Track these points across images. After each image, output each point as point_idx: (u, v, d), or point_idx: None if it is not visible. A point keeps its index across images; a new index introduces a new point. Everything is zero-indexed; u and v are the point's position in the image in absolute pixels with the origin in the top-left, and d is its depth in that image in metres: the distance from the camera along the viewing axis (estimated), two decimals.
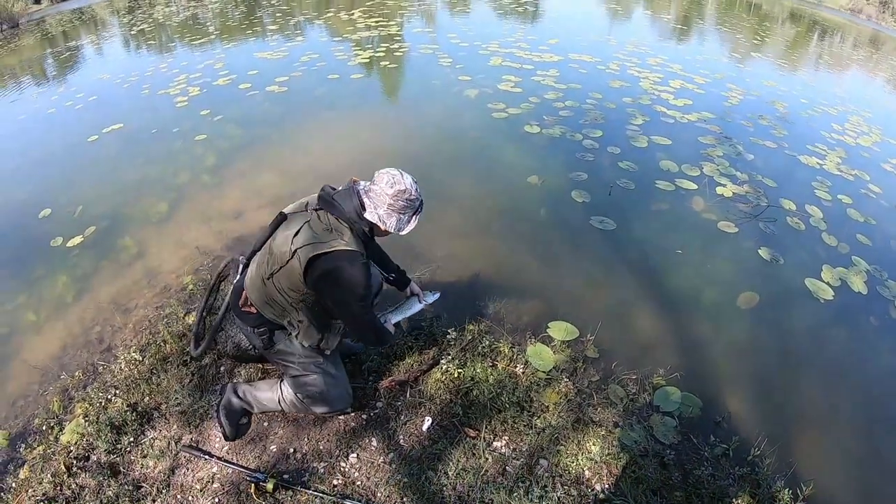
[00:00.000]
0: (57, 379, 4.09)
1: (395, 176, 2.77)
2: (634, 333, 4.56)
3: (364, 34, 13.98)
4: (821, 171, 7.74)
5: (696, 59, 13.75)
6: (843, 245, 6.03)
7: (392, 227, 2.82)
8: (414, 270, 4.85)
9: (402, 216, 2.84)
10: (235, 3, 20.94)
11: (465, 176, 6.72)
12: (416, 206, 2.89)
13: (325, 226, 2.74)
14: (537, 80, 10.19)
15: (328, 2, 19.79)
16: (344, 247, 2.67)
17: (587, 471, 3.31)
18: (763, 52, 16.18)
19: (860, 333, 5.02)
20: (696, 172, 7.07)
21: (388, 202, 2.76)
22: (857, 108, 11.76)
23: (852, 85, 15.05)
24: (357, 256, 2.71)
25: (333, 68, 10.98)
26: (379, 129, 8.19)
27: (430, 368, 3.84)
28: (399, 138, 7.82)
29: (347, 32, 14.34)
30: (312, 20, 16.81)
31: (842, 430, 4.10)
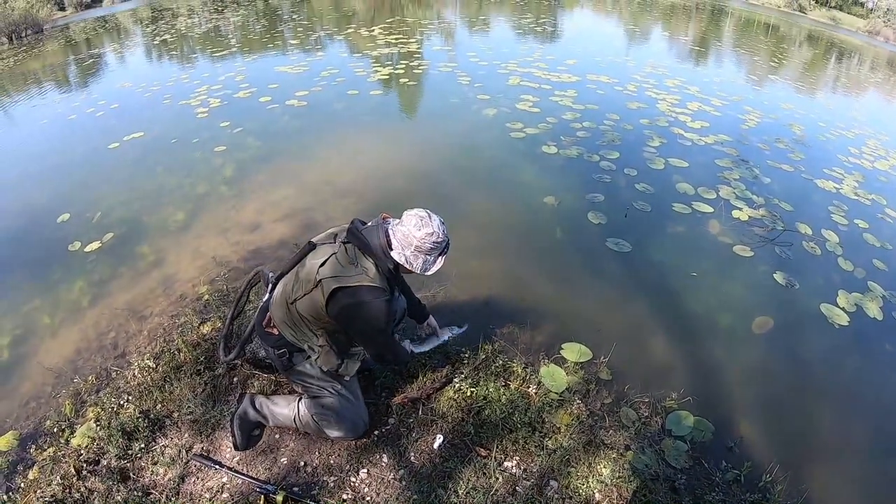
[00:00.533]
0: (70, 382, 4.10)
1: (424, 218, 2.81)
2: (648, 356, 4.54)
3: (384, 51, 14.08)
4: (837, 195, 7.70)
5: (713, 80, 13.73)
6: (860, 270, 5.98)
7: (418, 269, 2.88)
8: (429, 288, 4.87)
9: (429, 257, 2.89)
10: (257, 17, 21.17)
11: (482, 194, 6.72)
12: (442, 248, 2.92)
13: (352, 259, 2.80)
14: (555, 100, 10.21)
15: (349, 18, 19.97)
16: (368, 282, 2.74)
17: (597, 493, 3.28)
18: (780, 75, 16.16)
19: (875, 360, 4.97)
20: (713, 195, 7.05)
21: (416, 244, 2.80)
22: (874, 131, 11.70)
23: (870, 108, 14.98)
24: (379, 293, 2.77)
25: (353, 84, 11.06)
26: (396, 146, 8.22)
27: (443, 386, 3.83)
28: (416, 155, 7.84)
29: (367, 49, 14.44)
30: (333, 36, 16.96)
31: (855, 458, 4.05)
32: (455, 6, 24.59)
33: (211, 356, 4.04)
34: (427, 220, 2.80)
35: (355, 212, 5.95)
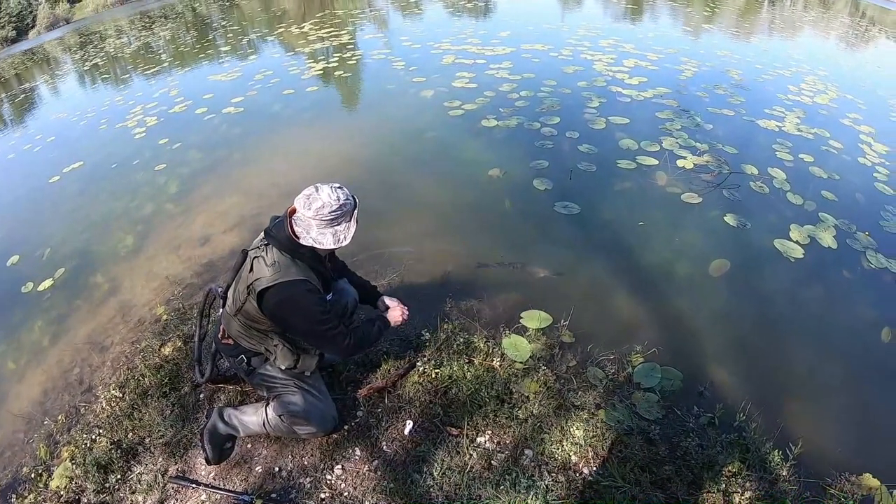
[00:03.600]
0: (41, 425, 4.03)
1: (311, 195, 2.77)
2: (609, 314, 4.56)
3: (317, 46, 13.94)
4: (780, 134, 7.80)
5: (648, 36, 13.79)
6: (810, 203, 6.07)
7: (332, 244, 2.83)
8: (383, 275, 4.86)
9: (337, 227, 2.83)
10: (187, 28, 20.85)
11: (428, 176, 6.71)
12: (346, 212, 2.84)
13: (273, 259, 2.79)
14: (491, 73, 10.18)
15: (280, 18, 19.74)
16: (288, 278, 2.74)
17: (573, 455, 3.29)
18: (715, 23, 16.28)
19: (835, 287, 5.06)
20: (656, 148, 7.10)
21: (315, 223, 2.77)
22: (811, 68, 11.87)
23: (806, 46, 15.22)
24: (302, 285, 2.78)
25: (288, 83, 10.94)
26: (338, 139, 8.15)
27: (407, 372, 3.81)
28: (359, 146, 7.77)
29: (300, 46, 14.29)
30: (264, 37, 16.78)
31: (825, 385, 4.13)
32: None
33: (175, 377, 3.99)
34: (314, 195, 2.75)
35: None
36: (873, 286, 5.10)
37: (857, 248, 5.44)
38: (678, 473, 3.19)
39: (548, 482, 3.13)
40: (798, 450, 3.28)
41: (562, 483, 3.13)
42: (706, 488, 3.14)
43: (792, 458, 3.27)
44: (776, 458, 3.31)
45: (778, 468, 3.28)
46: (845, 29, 18.25)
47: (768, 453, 3.34)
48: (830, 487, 3.26)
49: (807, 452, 3.34)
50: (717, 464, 3.24)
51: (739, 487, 3.14)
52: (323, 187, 2.78)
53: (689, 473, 3.19)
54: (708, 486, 3.14)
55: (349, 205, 2.85)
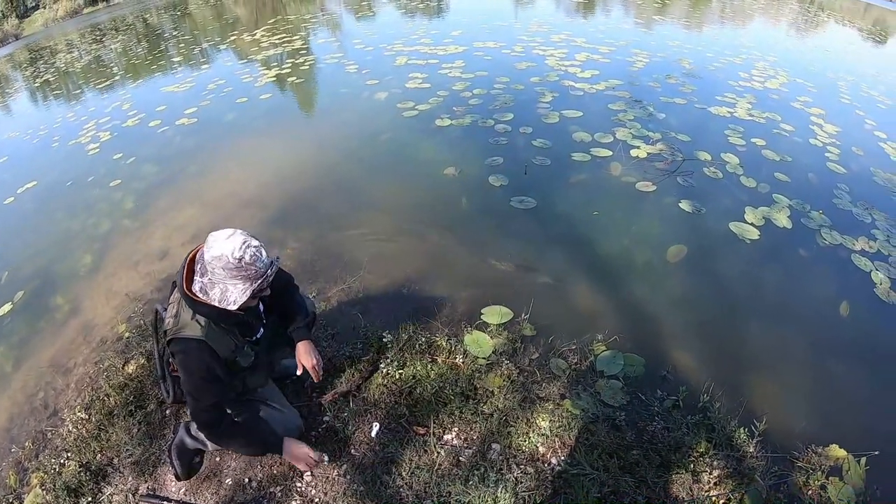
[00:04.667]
0: (9, 453, 3.96)
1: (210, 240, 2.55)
2: (569, 305, 4.62)
3: (269, 53, 13.83)
4: (732, 119, 8.00)
5: (599, 30, 13.98)
6: (763, 185, 6.22)
7: (216, 301, 2.60)
8: (343, 281, 4.86)
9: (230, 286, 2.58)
10: (138, 40, 20.51)
11: (384, 179, 6.72)
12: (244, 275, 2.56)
13: (174, 309, 2.71)
14: (444, 72, 10.23)
15: (232, 25, 19.56)
16: (181, 335, 2.64)
17: (541, 447, 3.34)
18: (666, 15, 16.57)
19: (792, 266, 5.20)
20: (610, 139, 7.21)
21: (208, 269, 2.56)
22: (761, 54, 12.19)
23: (755, 33, 15.53)
24: (188, 344, 2.65)
25: (241, 92, 10.84)
26: (294, 146, 8.12)
27: (371, 375, 3.82)
28: (314, 152, 7.76)
29: (252, 54, 14.17)
30: (217, 46, 16.60)
31: (787, 362, 4.24)
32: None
33: (140, 394, 3.95)
34: (219, 244, 2.51)
35: (262, 220, 5.96)
36: (829, 263, 5.25)
37: (811, 226, 5.61)
38: (646, 457, 3.25)
39: (517, 475, 3.16)
40: (763, 426, 3.36)
41: (531, 475, 3.17)
42: (674, 470, 3.21)
43: (758, 435, 3.35)
44: (742, 435, 3.40)
45: (744, 445, 3.36)
46: (795, 15, 18.73)
47: (734, 431, 3.43)
48: (798, 460, 3.35)
49: (772, 428, 3.43)
50: (683, 445, 3.31)
51: (707, 467, 3.22)
52: (236, 238, 2.52)
53: (657, 456, 3.26)
54: (676, 467, 3.21)
55: (254, 270, 2.57)
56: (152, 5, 30.10)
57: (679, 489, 3.14)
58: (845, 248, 5.40)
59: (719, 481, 3.18)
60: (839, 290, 4.93)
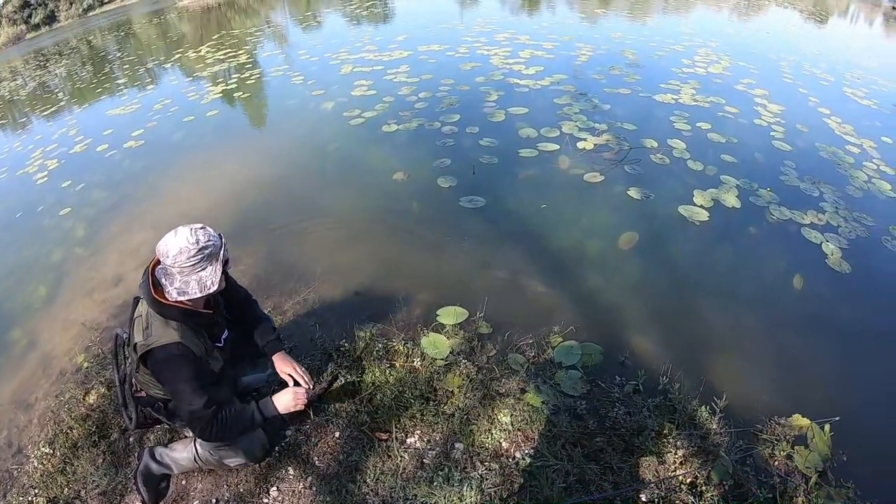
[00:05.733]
0: None
1: (167, 241, 2.62)
2: (524, 300, 4.67)
3: (215, 69, 13.75)
4: (677, 106, 8.17)
5: (542, 26, 14.19)
6: (711, 167, 6.37)
7: (197, 292, 2.65)
8: (297, 293, 4.85)
9: (202, 273, 2.66)
10: (83, 63, 20.22)
11: (334, 188, 6.72)
12: (210, 253, 2.67)
13: (145, 321, 2.73)
14: (389, 78, 10.28)
15: (177, 43, 19.40)
16: (159, 343, 2.66)
17: (504, 442, 3.37)
18: (609, 8, 16.88)
19: (743, 244, 5.34)
20: (556, 133, 7.32)
21: (176, 271, 2.62)
22: (703, 40, 12.47)
23: (698, 21, 15.84)
24: (168, 350, 2.68)
25: (188, 110, 10.76)
26: (243, 161, 8.08)
27: (331, 385, 3.79)
28: (264, 165, 7.73)
29: (198, 71, 14.09)
30: (162, 65, 16.45)
31: (745, 337, 4.34)
32: (284, 8, 24.36)
33: (103, 424, 3.92)
34: (171, 241, 2.60)
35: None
36: (780, 238, 5.39)
37: (760, 204, 5.75)
38: (610, 443, 3.31)
39: (481, 472, 3.19)
40: (723, 403, 3.43)
41: (495, 470, 3.20)
42: (639, 453, 3.26)
43: (719, 412, 3.42)
44: (704, 413, 3.48)
45: (707, 423, 3.44)
46: (737, 1, 19.16)
47: (695, 410, 3.51)
48: (762, 433, 3.44)
49: (734, 404, 3.50)
50: (646, 428, 3.37)
51: (672, 447, 3.28)
52: (181, 230, 2.63)
53: (621, 442, 3.31)
54: (640, 451, 3.27)
55: (212, 246, 2.68)
56: (96, 27, 29.82)
57: (645, 472, 3.20)
58: (795, 222, 5.55)
59: (685, 460, 3.24)
60: (792, 264, 5.07)
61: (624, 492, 3.07)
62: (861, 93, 9.92)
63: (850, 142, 7.59)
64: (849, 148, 7.38)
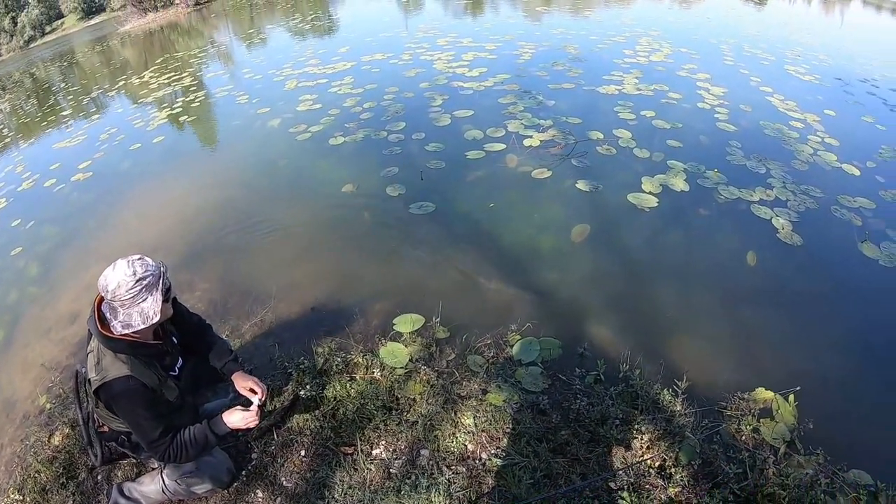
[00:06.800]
0: None
1: (106, 275, 2.64)
2: (479, 301, 4.70)
3: (159, 94, 13.58)
4: (621, 96, 8.31)
5: (485, 28, 14.35)
6: (658, 154, 6.49)
7: (140, 324, 2.66)
8: (255, 314, 4.82)
9: (143, 304, 2.67)
10: (27, 96, 19.86)
11: (286, 205, 6.68)
12: (148, 284, 2.68)
13: (96, 356, 2.73)
14: (334, 91, 10.29)
15: (121, 70, 19.14)
16: (110, 377, 2.65)
17: (469, 444, 3.38)
18: (551, 5, 17.05)
19: (694, 226, 5.45)
20: (502, 133, 7.40)
21: (117, 305, 2.64)
22: (645, 30, 12.70)
23: (639, 11, 16.10)
24: (120, 383, 2.67)
25: (135, 138, 10.57)
26: (192, 185, 8.00)
27: (293, 404, 3.81)
28: (213, 188, 7.65)
29: (143, 97, 13.88)
30: (107, 93, 16.21)
31: (702, 317, 4.44)
32: (227, 27, 24.22)
33: (70, 465, 3.85)
34: (109, 276, 2.62)
35: (169, 265, 5.74)
36: (730, 216, 5.51)
37: (708, 185, 5.88)
38: (575, 435, 3.35)
39: (448, 476, 3.20)
40: (685, 384, 3.50)
41: (462, 473, 3.21)
42: (604, 442, 3.31)
43: (682, 393, 3.49)
44: (667, 396, 3.54)
45: (671, 405, 3.50)
46: None
47: (658, 394, 3.57)
48: (726, 410, 3.51)
49: (697, 384, 3.59)
50: (610, 417, 3.41)
51: (637, 433, 3.33)
52: (119, 264, 2.64)
53: (586, 433, 3.36)
54: (606, 439, 3.32)
55: (151, 276, 2.70)
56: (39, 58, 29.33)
57: (613, 460, 3.25)
58: (744, 200, 5.68)
59: (651, 444, 3.29)
60: (744, 242, 5.18)
61: (592, 482, 3.10)
62: (802, 69, 10.19)
63: (794, 117, 7.78)
64: (793, 123, 7.56)
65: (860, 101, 8.89)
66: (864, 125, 7.90)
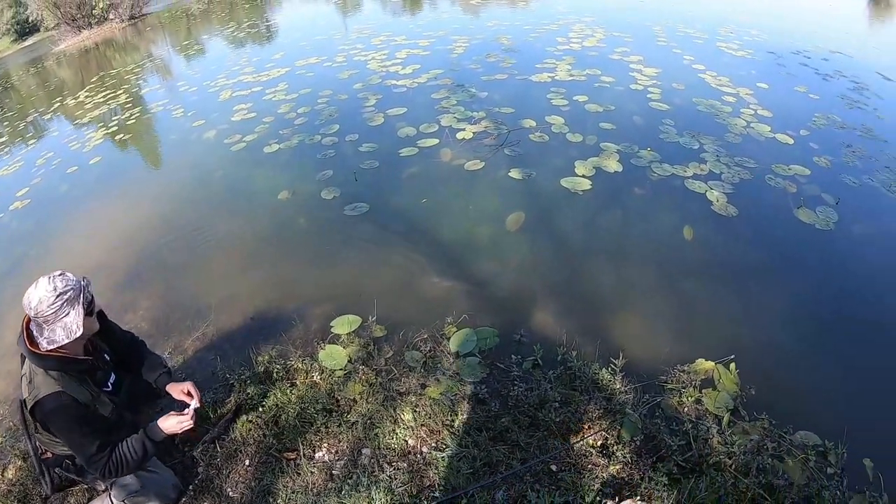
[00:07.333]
0: None
1: (28, 293, 2.66)
2: (415, 297, 4.73)
3: (95, 113, 13.27)
4: (554, 83, 8.39)
5: (418, 24, 14.39)
6: (591, 137, 6.57)
7: (63, 338, 2.66)
8: (196, 328, 4.78)
9: (66, 319, 2.68)
10: None
11: (223, 217, 6.61)
12: (70, 298, 2.70)
13: (28, 375, 2.76)
14: (268, 98, 10.17)
15: (58, 90, 18.72)
16: (41, 394, 2.66)
17: (410, 440, 3.40)
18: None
19: (630, 206, 5.54)
20: (435, 128, 7.42)
21: (42, 321, 2.65)
22: (578, 17, 12.79)
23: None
24: (52, 400, 2.67)
25: (71, 161, 10.31)
26: (131, 204, 7.85)
27: (236, 415, 3.80)
28: (152, 205, 7.53)
29: (79, 117, 13.60)
30: (43, 115, 15.85)
31: (640, 296, 4.52)
32: (165, 39, 23.84)
33: (23, 497, 3.77)
34: (31, 293, 2.65)
35: (111, 286, 5.71)
36: (665, 193, 5.62)
37: (641, 164, 5.98)
38: (515, 421, 3.38)
39: (390, 473, 3.21)
40: (622, 361, 3.55)
41: (403, 469, 3.23)
42: (544, 426, 3.35)
43: (619, 370, 3.55)
44: (605, 375, 3.60)
45: (610, 384, 3.55)
46: None
47: (596, 374, 3.62)
48: (667, 383, 3.58)
49: (637, 360, 3.68)
50: (548, 400, 3.45)
51: (577, 414, 3.38)
52: (41, 281, 2.67)
53: (525, 418, 3.39)
54: (545, 423, 3.35)
55: (72, 290, 2.71)
56: None
57: (553, 442, 3.27)
58: (678, 176, 5.79)
59: (592, 424, 3.34)
60: (680, 217, 5.29)
61: (532, 465, 3.13)
62: (735, 45, 10.40)
63: (727, 92, 7.95)
64: (726, 98, 7.72)
65: (793, 72, 9.10)
66: (798, 95, 8.09)
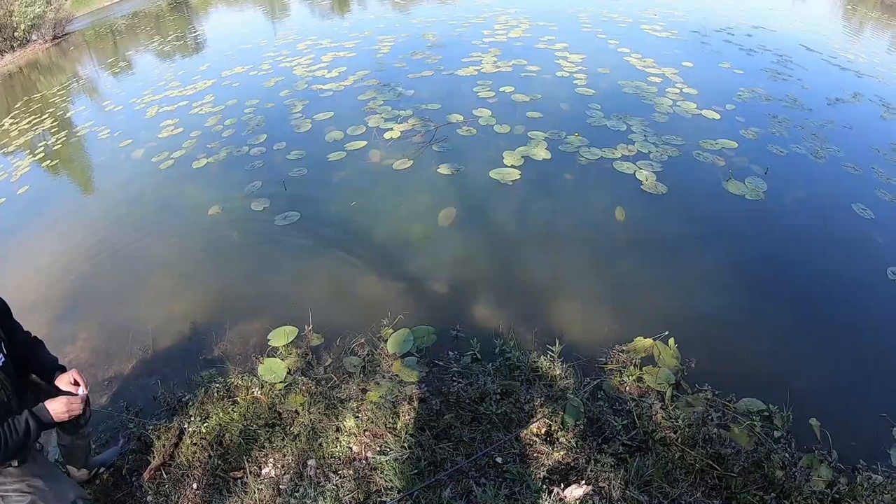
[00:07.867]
0: None
1: None
2: (350, 302, 4.74)
3: (20, 141, 12.89)
4: (480, 76, 8.46)
5: (343, 27, 14.34)
6: (518, 127, 6.64)
7: None
8: (132, 354, 4.69)
9: None
10: None
11: (155, 238, 6.49)
12: None
13: None
14: (195, 112, 10.02)
15: None
16: None
17: (354, 446, 3.39)
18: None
19: (561, 191, 5.62)
20: (363, 130, 7.41)
21: None
22: (503, 9, 12.88)
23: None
24: None
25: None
26: (63, 232, 7.63)
27: (179, 439, 3.74)
28: (84, 231, 7.32)
29: (4, 146, 13.17)
30: None
31: (575, 280, 4.59)
32: (91, 57, 23.25)
33: None
34: None
35: (49, 321, 5.54)
36: (595, 176, 5.72)
37: (569, 150, 6.06)
38: (457, 418, 3.40)
39: (336, 482, 3.20)
40: (559, 347, 3.62)
41: (349, 476, 3.22)
42: (486, 419, 3.37)
43: (558, 357, 3.61)
44: (545, 363, 3.64)
45: (549, 371, 3.59)
46: None
47: (535, 362, 3.66)
48: (607, 364, 3.64)
49: (576, 345, 3.74)
50: (489, 393, 3.48)
51: (519, 403, 3.41)
52: None
53: (467, 413, 3.41)
54: (487, 416, 3.37)
55: None
56: None
57: (497, 434, 3.29)
58: (606, 159, 5.89)
59: (533, 412, 3.37)
60: (611, 199, 5.39)
61: (476, 459, 3.15)
62: (659, 27, 10.61)
63: (653, 73, 8.11)
64: (651, 79, 7.87)
65: (717, 49, 9.34)
66: (723, 71, 8.31)
